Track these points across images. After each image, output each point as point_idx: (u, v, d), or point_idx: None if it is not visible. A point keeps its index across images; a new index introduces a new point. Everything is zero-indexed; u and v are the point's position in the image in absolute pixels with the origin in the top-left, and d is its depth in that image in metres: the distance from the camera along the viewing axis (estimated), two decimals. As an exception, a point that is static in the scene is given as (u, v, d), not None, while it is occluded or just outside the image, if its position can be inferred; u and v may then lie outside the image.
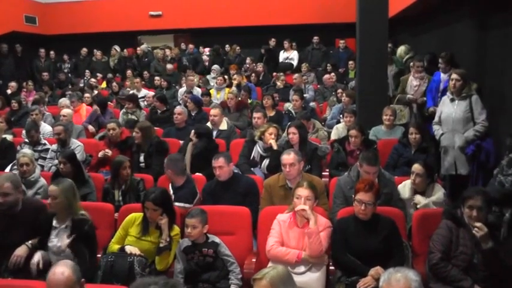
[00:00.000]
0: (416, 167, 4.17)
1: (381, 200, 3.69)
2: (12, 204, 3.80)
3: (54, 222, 3.71)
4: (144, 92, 9.29)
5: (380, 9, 6.23)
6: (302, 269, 3.45)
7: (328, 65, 10.70)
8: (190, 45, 12.13)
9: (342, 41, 11.35)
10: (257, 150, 5.39)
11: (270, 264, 3.47)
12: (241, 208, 4.05)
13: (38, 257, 3.58)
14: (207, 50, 12.22)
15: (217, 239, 3.62)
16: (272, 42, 11.72)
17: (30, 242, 3.75)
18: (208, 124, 6.42)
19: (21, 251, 3.68)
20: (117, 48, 12.23)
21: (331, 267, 3.60)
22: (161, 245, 3.59)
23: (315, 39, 11.39)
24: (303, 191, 3.56)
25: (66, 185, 3.74)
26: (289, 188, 4.14)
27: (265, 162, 5.24)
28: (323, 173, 5.23)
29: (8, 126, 7.58)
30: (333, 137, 6.16)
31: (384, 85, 6.49)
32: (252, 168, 5.30)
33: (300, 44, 11.58)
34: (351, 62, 10.32)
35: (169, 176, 4.61)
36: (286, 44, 11.36)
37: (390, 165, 5.12)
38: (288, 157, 4.22)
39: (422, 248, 3.67)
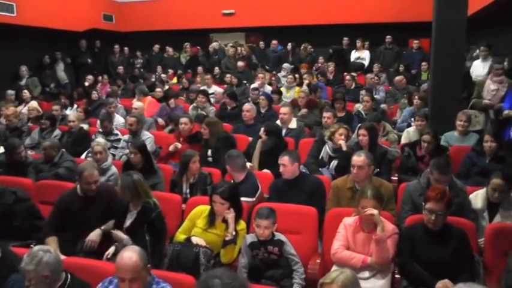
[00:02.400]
0: (497, 183, 3.92)
1: (452, 210, 3.52)
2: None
3: (130, 206, 3.90)
4: (214, 88, 9.45)
5: (459, 7, 5.91)
6: (367, 274, 3.39)
7: (401, 65, 10.44)
8: (274, 42, 12.06)
9: (415, 41, 10.98)
10: (326, 150, 5.36)
11: (334, 267, 3.45)
12: (308, 208, 4.02)
13: (111, 250, 3.76)
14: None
15: (283, 238, 3.60)
16: (345, 41, 11.52)
17: (103, 227, 3.99)
18: (278, 122, 6.45)
19: (95, 236, 3.94)
20: (189, 45, 12.56)
21: (397, 276, 3.51)
22: (227, 238, 3.62)
23: (388, 38, 11.08)
24: (367, 202, 3.46)
25: (126, 180, 3.86)
26: (357, 190, 4.03)
27: (334, 163, 5.20)
28: (392, 177, 5.12)
29: (85, 116, 8.02)
30: (404, 140, 6.01)
31: (459, 89, 6.18)
32: (320, 169, 5.27)
33: (371, 43, 11.33)
34: (424, 63, 9.99)
35: (229, 172, 4.65)
36: (358, 43, 11.12)
37: (462, 174, 4.90)
38: (358, 159, 4.16)
39: (496, 264, 3.49)
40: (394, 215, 4.03)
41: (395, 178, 5.17)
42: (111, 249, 3.76)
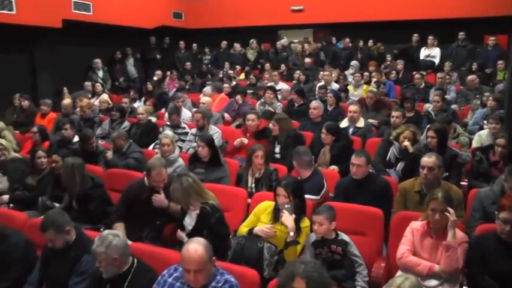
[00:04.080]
0: None
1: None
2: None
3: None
4: (281, 84, 9.49)
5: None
6: (433, 282, 3.25)
7: (474, 64, 9.97)
8: (347, 39, 11.85)
9: (492, 38, 10.28)
10: (392, 151, 5.26)
11: (399, 272, 3.37)
12: (374, 209, 3.93)
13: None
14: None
15: (347, 238, 3.56)
16: (415, 38, 11.13)
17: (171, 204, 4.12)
18: (345, 120, 6.41)
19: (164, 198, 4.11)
20: (256, 42, 12.68)
21: (465, 287, 3.34)
22: (288, 240, 3.55)
23: (461, 35, 10.52)
24: (437, 204, 3.32)
25: (174, 185, 3.82)
26: (425, 194, 3.93)
27: (401, 164, 5.10)
28: (461, 183, 4.92)
29: (154, 109, 8.30)
30: (475, 144, 5.77)
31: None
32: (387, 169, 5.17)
33: (442, 40, 10.83)
34: (500, 62, 9.44)
35: (296, 167, 4.65)
36: (430, 39, 10.67)
37: (542, 182, 4.62)
38: (429, 159, 4.05)
39: None
40: (464, 222, 3.86)
41: (465, 183, 4.98)
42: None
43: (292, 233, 3.54)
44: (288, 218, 3.56)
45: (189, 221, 3.85)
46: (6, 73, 9.18)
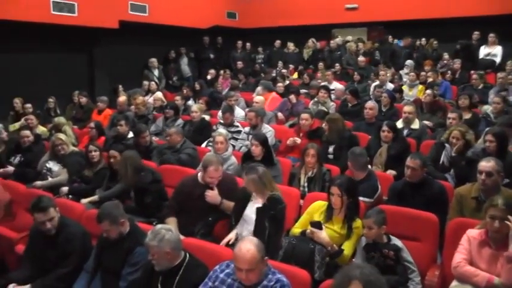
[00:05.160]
0: None
1: None
2: None
3: (253, 196, 4.00)
4: (334, 84, 9.39)
5: None
6: None
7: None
8: (408, 38, 11.60)
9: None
10: (445, 154, 5.08)
11: (454, 282, 3.22)
12: (429, 214, 3.80)
13: (233, 236, 3.92)
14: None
15: (399, 243, 3.49)
16: (475, 35, 10.61)
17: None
18: (399, 122, 6.26)
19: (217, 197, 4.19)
20: (314, 40, 12.60)
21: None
22: (331, 251, 3.53)
23: None
24: (497, 211, 3.12)
25: (251, 175, 3.90)
26: (483, 200, 3.73)
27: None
28: (525, 191, 4.67)
29: (207, 107, 8.41)
30: (540, 150, 5.48)
31: None
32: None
33: (505, 37, 10.22)
34: None
35: (350, 168, 4.63)
36: (491, 37, 10.11)
37: None
38: (487, 164, 3.84)
39: None
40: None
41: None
42: (233, 235, 3.91)
43: (334, 246, 3.55)
44: (320, 236, 3.56)
45: (249, 212, 3.92)
46: (67, 71, 9.66)
